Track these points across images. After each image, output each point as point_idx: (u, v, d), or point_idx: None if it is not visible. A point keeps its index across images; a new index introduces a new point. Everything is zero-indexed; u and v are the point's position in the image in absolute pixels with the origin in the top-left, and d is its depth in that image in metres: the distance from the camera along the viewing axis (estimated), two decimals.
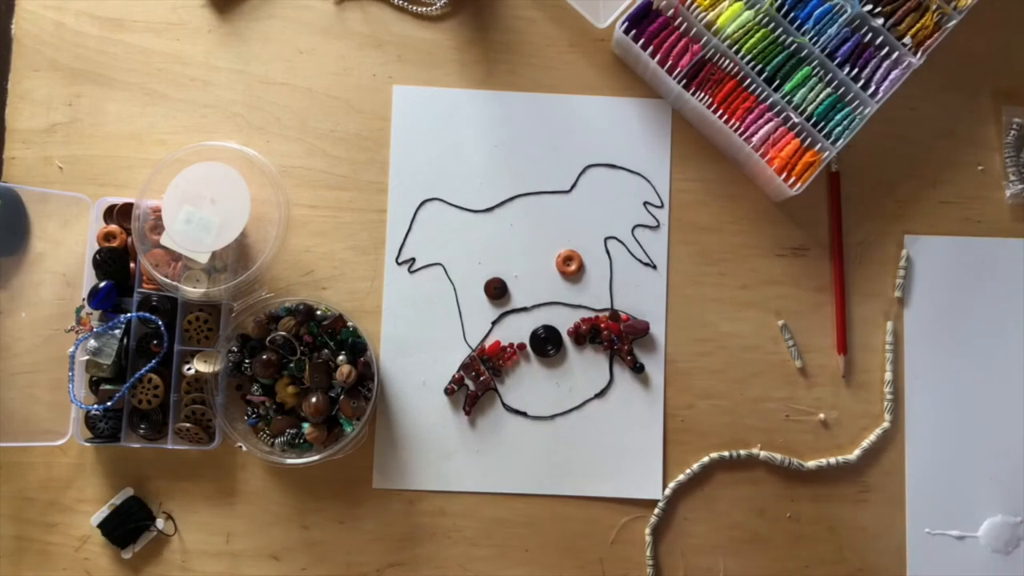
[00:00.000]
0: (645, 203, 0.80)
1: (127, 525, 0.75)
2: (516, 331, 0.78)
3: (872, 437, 0.77)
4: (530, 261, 0.79)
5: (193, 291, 0.74)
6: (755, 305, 0.79)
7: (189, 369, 0.75)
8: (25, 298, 0.77)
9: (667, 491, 0.76)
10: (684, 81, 0.76)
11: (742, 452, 0.76)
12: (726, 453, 0.77)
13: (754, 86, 0.75)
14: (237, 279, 0.74)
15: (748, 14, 0.75)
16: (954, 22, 0.75)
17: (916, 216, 0.80)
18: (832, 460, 0.76)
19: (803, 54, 0.75)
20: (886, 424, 0.77)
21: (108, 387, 0.74)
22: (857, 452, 0.77)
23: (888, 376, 0.77)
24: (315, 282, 0.79)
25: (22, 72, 0.80)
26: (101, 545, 0.76)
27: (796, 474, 0.77)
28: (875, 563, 0.76)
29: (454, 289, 0.79)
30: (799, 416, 0.78)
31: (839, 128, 0.75)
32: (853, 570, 0.76)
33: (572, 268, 0.78)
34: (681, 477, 0.77)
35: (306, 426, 0.74)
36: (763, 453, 0.76)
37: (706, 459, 0.77)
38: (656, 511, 0.76)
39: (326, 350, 0.75)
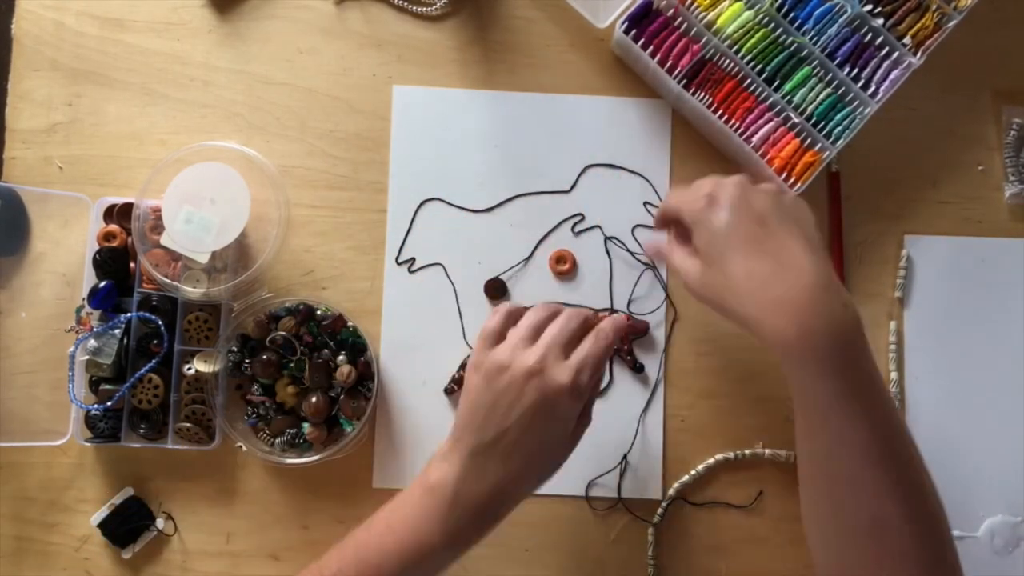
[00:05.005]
0: (645, 203, 0.80)
1: (127, 525, 0.75)
2: None
3: None
4: (530, 261, 0.79)
5: (193, 291, 0.74)
6: None
7: (189, 369, 0.75)
8: (25, 298, 0.77)
9: (671, 491, 0.76)
10: (684, 81, 0.76)
11: (747, 452, 0.76)
12: (731, 454, 0.77)
13: (754, 86, 0.75)
14: (237, 279, 0.74)
15: (748, 14, 0.75)
16: (954, 22, 0.75)
17: (916, 216, 0.80)
18: None
19: (803, 54, 0.75)
20: None
21: (108, 387, 0.74)
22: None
23: (893, 376, 0.77)
24: (315, 282, 0.79)
25: (22, 72, 0.80)
26: (101, 545, 0.76)
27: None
28: None
29: (454, 289, 0.79)
30: None
31: (839, 128, 0.75)
32: None
33: (565, 268, 0.78)
34: (685, 478, 0.76)
35: (306, 426, 0.74)
36: (768, 451, 0.76)
37: (711, 460, 0.77)
38: (659, 511, 0.76)
39: (326, 350, 0.75)
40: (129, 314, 0.74)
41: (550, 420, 0.58)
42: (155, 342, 0.74)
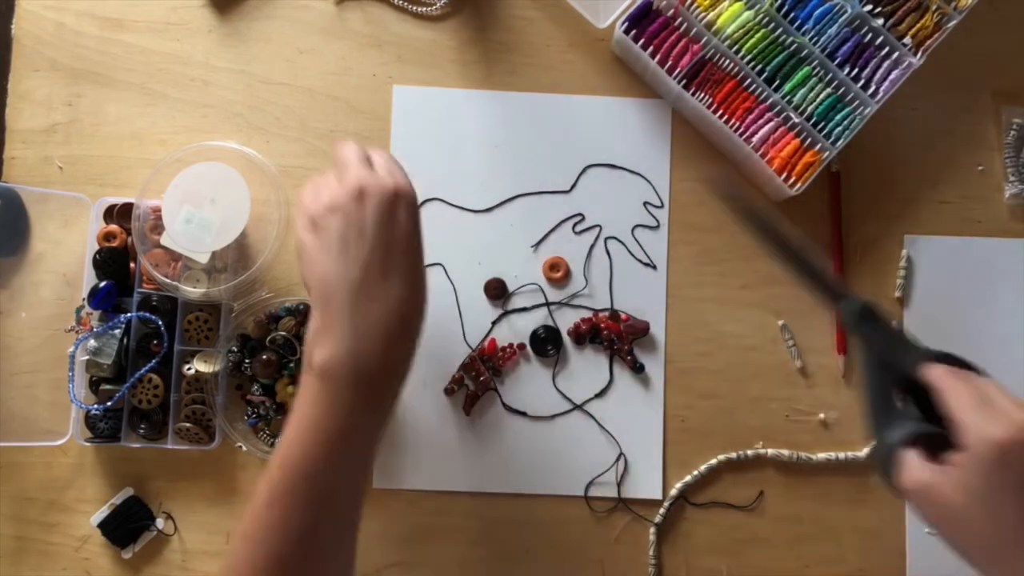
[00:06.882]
0: (645, 203, 0.80)
1: (127, 525, 0.75)
2: (516, 331, 0.78)
3: None
4: (530, 261, 0.79)
5: (193, 291, 0.74)
6: (755, 305, 0.79)
7: (189, 369, 0.75)
8: (25, 298, 0.77)
9: (673, 491, 0.76)
10: (684, 81, 0.76)
11: (749, 452, 0.76)
12: (734, 454, 0.77)
13: (754, 86, 0.75)
14: (237, 279, 0.74)
15: (748, 14, 0.75)
16: (954, 22, 0.75)
17: (916, 216, 0.80)
18: (842, 455, 0.76)
19: (803, 54, 0.75)
20: None
21: (108, 387, 0.74)
22: (867, 449, 0.77)
23: None
24: None
25: (22, 72, 0.80)
26: (101, 545, 0.76)
27: (801, 474, 0.77)
28: (875, 563, 0.76)
29: (454, 289, 0.79)
30: (799, 416, 0.78)
31: (839, 128, 0.75)
32: (853, 570, 0.76)
33: (559, 275, 0.78)
34: (688, 479, 0.77)
35: None
36: (770, 451, 0.76)
37: (714, 461, 0.77)
38: (662, 511, 0.76)
39: None
40: (129, 314, 0.74)
41: (398, 224, 0.57)
42: (155, 342, 0.74)
